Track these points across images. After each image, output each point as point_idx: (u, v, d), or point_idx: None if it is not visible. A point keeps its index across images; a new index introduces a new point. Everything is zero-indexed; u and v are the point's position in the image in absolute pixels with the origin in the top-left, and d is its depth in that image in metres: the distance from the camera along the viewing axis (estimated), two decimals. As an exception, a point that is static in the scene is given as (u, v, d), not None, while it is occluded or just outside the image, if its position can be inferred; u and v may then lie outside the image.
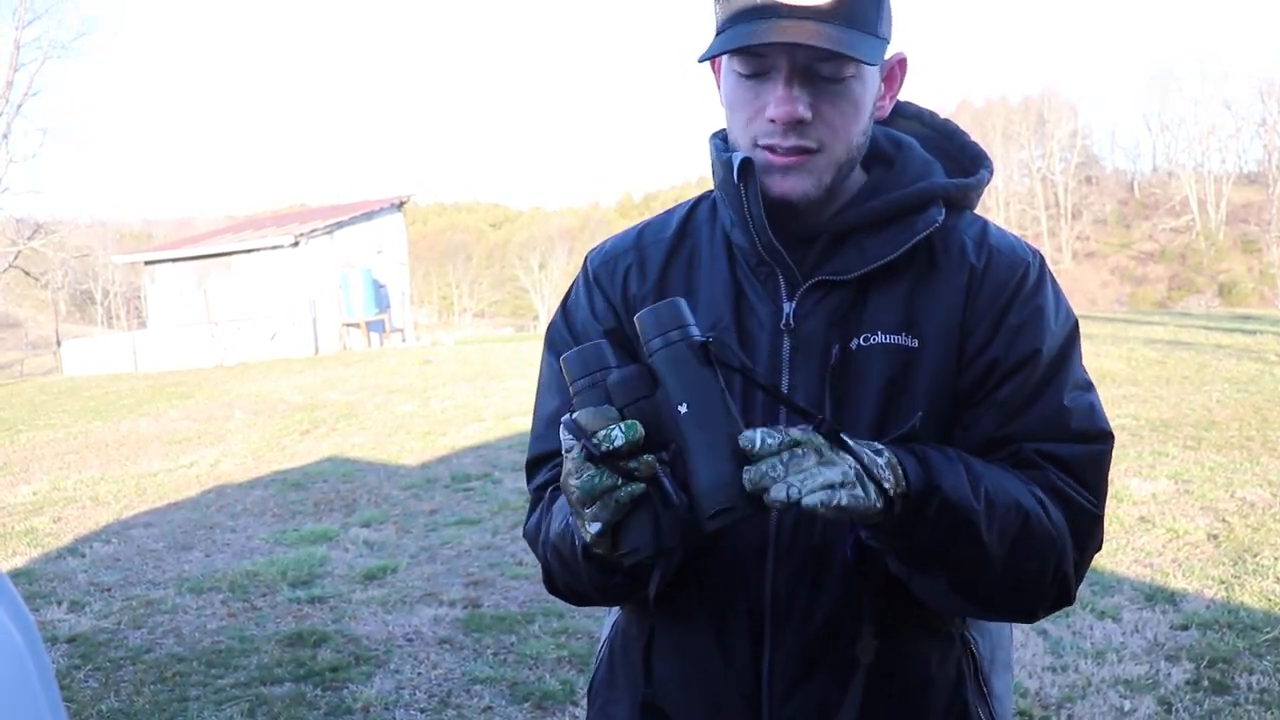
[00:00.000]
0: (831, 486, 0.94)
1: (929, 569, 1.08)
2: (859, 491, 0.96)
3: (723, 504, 0.92)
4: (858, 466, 0.97)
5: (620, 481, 0.96)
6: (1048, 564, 1.11)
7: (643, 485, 0.96)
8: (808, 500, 0.92)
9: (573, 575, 1.18)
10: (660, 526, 0.96)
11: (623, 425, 0.95)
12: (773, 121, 1.12)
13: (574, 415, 0.99)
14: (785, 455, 0.94)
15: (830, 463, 0.96)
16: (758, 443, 0.93)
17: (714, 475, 0.93)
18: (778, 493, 0.92)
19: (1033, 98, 70.56)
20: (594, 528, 0.98)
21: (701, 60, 1.16)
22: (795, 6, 1.08)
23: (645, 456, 0.96)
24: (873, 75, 1.15)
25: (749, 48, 1.09)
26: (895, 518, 1.02)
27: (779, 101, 1.11)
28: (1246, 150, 67.83)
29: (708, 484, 0.93)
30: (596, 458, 0.95)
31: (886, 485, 0.99)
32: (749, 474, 0.93)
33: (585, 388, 1.00)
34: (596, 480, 0.96)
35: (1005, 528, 1.07)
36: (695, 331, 0.99)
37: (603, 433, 0.95)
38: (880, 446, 1.03)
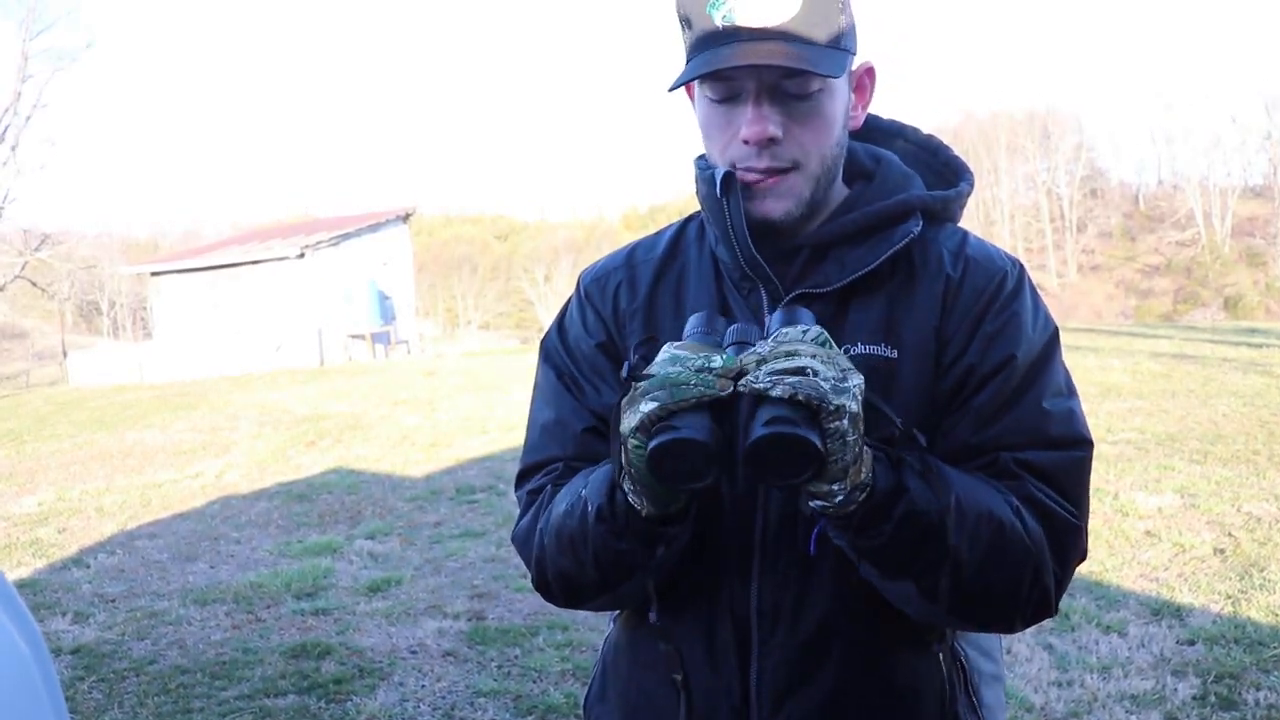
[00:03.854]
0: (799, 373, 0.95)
1: (896, 574, 1.08)
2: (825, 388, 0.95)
3: (776, 428, 0.93)
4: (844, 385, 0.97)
5: (694, 381, 0.98)
6: (1023, 575, 1.11)
7: (713, 392, 0.98)
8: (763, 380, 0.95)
9: (573, 554, 1.16)
10: (710, 432, 0.97)
11: (723, 355, 1.01)
12: (746, 143, 1.15)
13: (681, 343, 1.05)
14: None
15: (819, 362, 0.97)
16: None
17: (781, 402, 0.96)
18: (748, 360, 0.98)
19: (1037, 110, 70.65)
20: (648, 406, 0.98)
21: (671, 90, 1.19)
22: (757, 29, 1.11)
23: (727, 380, 0.99)
24: (841, 88, 1.18)
25: (715, 73, 1.12)
26: (859, 515, 1.01)
27: (750, 122, 1.14)
28: (1252, 163, 67.78)
29: (773, 405, 0.96)
30: (689, 366, 1.00)
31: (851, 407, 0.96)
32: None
33: (697, 334, 1.08)
34: (674, 372, 0.99)
35: (976, 536, 1.06)
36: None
37: (705, 354, 1.01)
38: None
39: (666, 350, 1.03)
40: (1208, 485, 6.59)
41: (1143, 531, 5.71)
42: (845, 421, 0.94)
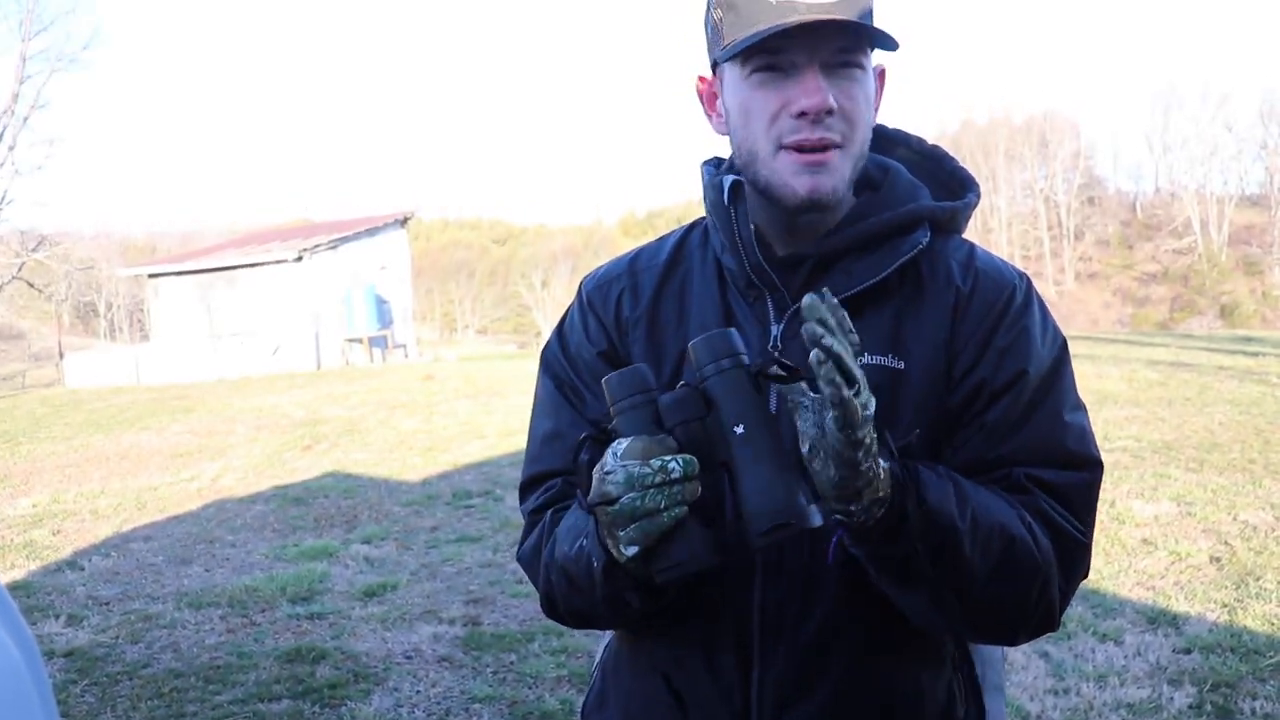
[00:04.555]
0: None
1: (909, 584, 1.08)
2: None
3: (777, 520, 0.93)
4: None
5: (664, 505, 0.97)
6: (1031, 589, 1.11)
7: (686, 509, 0.97)
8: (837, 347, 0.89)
9: (583, 597, 1.17)
10: (701, 542, 0.97)
11: (680, 459, 0.97)
12: (802, 114, 1.13)
13: (623, 440, 1.00)
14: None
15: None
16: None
17: (769, 493, 0.94)
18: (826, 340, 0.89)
19: (1035, 117, 70.76)
20: (630, 550, 0.99)
21: (726, 58, 1.15)
22: (812, 4, 1.10)
23: (692, 482, 0.97)
24: (873, 76, 1.19)
25: (771, 45, 1.11)
26: (878, 528, 1.01)
27: (809, 92, 1.12)
28: (1248, 172, 68.02)
29: (763, 502, 0.94)
30: (650, 485, 0.96)
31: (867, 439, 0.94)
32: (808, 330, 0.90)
33: (628, 408, 1.02)
34: (640, 502, 0.97)
35: (990, 550, 1.07)
36: (746, 359, 1.01)
37: (658, 462, 0.97)
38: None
39: (616, 465, 0.99)
40: (1204, 493, 6.59)
41: (1139, 539, 5.71)
42: (860, 453, 0.94)
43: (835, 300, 0.94)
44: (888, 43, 1.14)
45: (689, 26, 1.24)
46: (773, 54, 1.13)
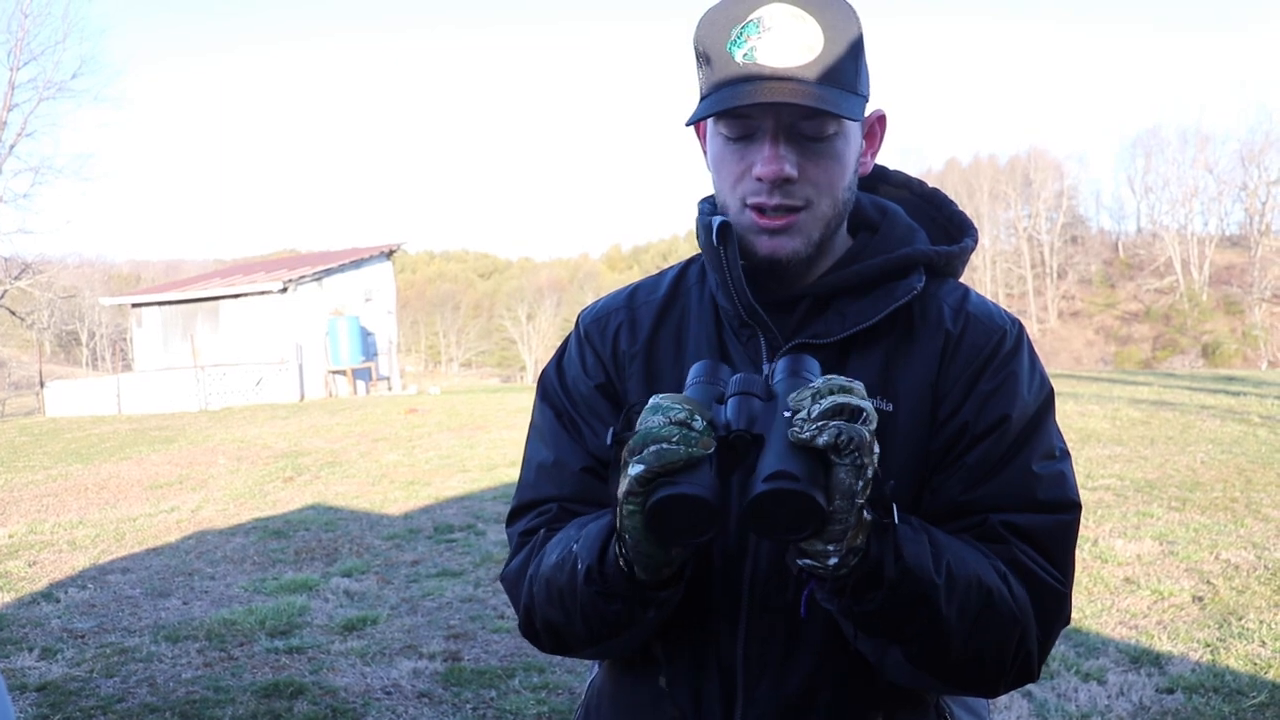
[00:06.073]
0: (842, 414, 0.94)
1: (885, 638, 1.07)
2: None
3: (787, 472, 0.92)
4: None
5: (680, 440, 0.97)
6: (1009, 641, 1.10)
7: (698, 450, 0.97)
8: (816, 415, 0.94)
9: (561, 608, 1.15)
10: (707, 483, 0.95)
11: (701, 418, 0.99)
12: (760, 180, 1.14)
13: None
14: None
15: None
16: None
17: (785, 455, 0.94)
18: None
19: (1019, 158, 71.55)
20: (637, 469, 0.97)
21: (689, 124, 1.20)
22: (778, 69, 1.11)
23: (708, 435, 0.98)
24: (855, 132, 1.19)
25: (735, 110, 1.12)
26: (852, 580, 0.99)
27: (765, 161, 1.14)
28: (1228, 213, 68.89)
29: (781, 460, 0.94)
30: (674, 420, 0.98)
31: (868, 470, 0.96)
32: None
33: (699, 383, 1.07)
34: (661, 428, 0.97)
35: (966, 604, 1.05)
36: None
37: (687, 410, 0.99)
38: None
39: (651, 401, 1.01)
40: (1186, 532, 6.60)
41: (1122, 578, 5.71)
42: (860, 483, 0.93)
43: (813, 370, 1.02)
44: (848, 112, 1.12)
45: (676, 62, 1.25)
46: (738, 117, 1.14)
